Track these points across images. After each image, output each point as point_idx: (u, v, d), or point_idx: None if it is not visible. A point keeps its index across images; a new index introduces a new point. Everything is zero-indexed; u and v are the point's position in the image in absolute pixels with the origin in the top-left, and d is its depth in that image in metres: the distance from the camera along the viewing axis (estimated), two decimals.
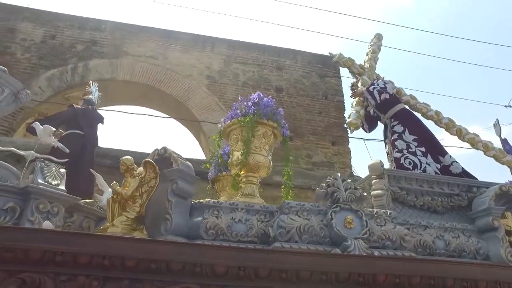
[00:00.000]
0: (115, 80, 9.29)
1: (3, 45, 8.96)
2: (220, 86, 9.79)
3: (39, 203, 1.78)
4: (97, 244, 1.40)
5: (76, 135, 3.11)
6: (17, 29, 9.18)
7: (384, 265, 1.69)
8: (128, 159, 1.91)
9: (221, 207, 1.99)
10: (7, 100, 2.42)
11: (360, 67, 3.64)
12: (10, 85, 2.41)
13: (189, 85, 9.54)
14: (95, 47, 9.66)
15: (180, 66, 9.72)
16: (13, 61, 8.84)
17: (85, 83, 9.44)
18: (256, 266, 1.53)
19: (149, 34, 10.00)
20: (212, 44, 10.33)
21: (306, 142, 9.51)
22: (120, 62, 9.56)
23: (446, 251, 2.20)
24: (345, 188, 2.07)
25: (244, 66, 10.25)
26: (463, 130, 3.47)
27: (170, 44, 10.03)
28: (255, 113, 2.25)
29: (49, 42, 9.36)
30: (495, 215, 2.32)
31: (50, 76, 8.93)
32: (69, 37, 9.58)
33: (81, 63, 9.23)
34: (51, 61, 9.09)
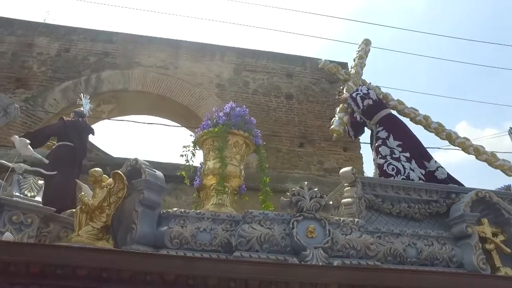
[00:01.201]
0: (127, 91, 9.57)
1: (21, 60, 9.39)
2: (230, 94, 9.91)
3: (12, 215, 1.90)
4: (49, 254, 1.48)
5: (66, 146, 3.25)
6: (34, 44, 9.61)
7: (338, 275, 1.70)
8: (96, 170, 2.00)
9: (188, 216, 2.05)
10: None
11: (346, 73, 3.63)
12: None
13: (200, 94, 9.71)
14: (107, 59, 9.98)
15: (191, 75, 9.91)
16: (30, 75, 9.26)
17: (98, 94, 9.80)
18: (205, 275, 1.58)
19: (159, 44, 10.26)
20: (222, 52, 10.50)
21: (318, 149, 9.48)
22: (132, 72, 9.84)
23: (417, 260, 2.17)
24: (311, 197, 2.09)
25: (254, 74, 10.35)
26: (453, 134, 3.41)
27: (180, 53, 10.26)
28: (225, 123, 2.31)
29: (63, 55, 9.75)
30: (469, 222, 2.27)
31: (64, 88, 9.28)
32: (82, 50, 9.95)
33: (94, 75, 9.55)
34: (65, 74, 9.46)
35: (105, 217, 1.92)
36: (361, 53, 3.86)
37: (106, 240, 1.88)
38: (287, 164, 9.27)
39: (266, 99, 10.13)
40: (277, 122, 9.90)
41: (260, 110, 10.12)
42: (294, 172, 8.89)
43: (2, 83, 9.09)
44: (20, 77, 9.11)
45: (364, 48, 3.90)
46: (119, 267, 1.51)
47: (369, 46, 3.97)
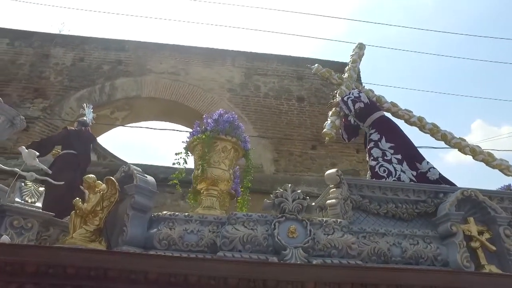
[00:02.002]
0: (140, 97, 9.84)
1: (39, 70, 9.80)
2: (242, 99, 10.06)
3: (13, 220, 2.06)
4: (42, 255, 1.62)
5: (70, 154, 3.44)
6: (50, 55, 10.00)
7: (315, 273, 1.77)
8: (89, 177, 2.15)
9: (176, 219, 2.16)
10: (3, 126, 2.76)
11: (338, 78, 3.68)
12: (5, 112, 2.75)
13: (212, 99, 9.88)
14: (120, 67, 10.28)
15: (202, 80, 10.10)
16: (47, 85, 9.64)
17: (112, 101, 10.09)
18: (186, 273, 1.68)
19: (170, 51, 10.50)
20: (232, 57, 10.66)
21: (330, 151, 9.50)
22: (144, 79, 10.11)
23: (402, 259, 2.21)
24: (293, 198, 2.17)
25: (265, 77, 10.47)
26: (448, 135, 3.41)
27: (191, 59, 10.48)
28: (213, 129, 2.42)
29: (78, 64, 10.10)
30: (454, 220, 2.30)
31: (79, 97, 9.60)
32: (96, 59, 10.28)
33: (108, 83, 9.85)
34: (80, 83, 9.80)
35: (98, 220, 2.05)
36: (354, 57, 3.90)
37: (98, 242, 2.01)
38: (300, 167, 9.31)
39: (277, 102, 10.22)
40: (289, 125, 9.97)
41: (272, 113, 10.22)
42: (307, 174, 8.92)
43: (22, 94, 9.51)
44: (38, 87, 9.51)
45: (358, 52, 3.94)
46: (105, 266, 1.63)
47: (363, 50, 4.00)
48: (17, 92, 9.39)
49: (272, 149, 9.50)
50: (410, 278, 1.89)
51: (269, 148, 9.47)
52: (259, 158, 9.16)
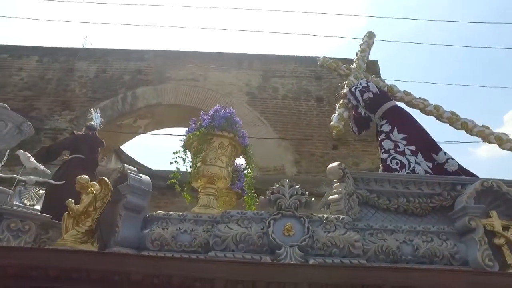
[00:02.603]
0: (161, 105, 10.00)
1: (65, 84, 10.18)
2: (260, 102, 10.01)
3: (10, 222, 2.06)
4: (24, 257, 1.58)
5: (78, 159, 3.48)
6: (75, 68, 10.39)
7: (309, 274, 1.63)
8: (82, 177, 2.12)
9: (170, 218, 2.09)
10: (11, 133, 2.82)
11: (346, 68, 3.51)
12: (12, 119, 2.81)
13: (230, 103, 9.88)
14: (140, 76, 10.51)
15: (220, 85, 10.15)
16: (73, 97, 10.00)
17: (134, 110, 10.31)
18: (170, 275, 1.59)
19: (188, 58, 10.63)
20: (249, 61, 10.65)
21: (352, 150, 9.23)
22: (164, 87, 10.27)
23: (414, 257, 2.01)
24: (291, 194, 2.03)
25: (283, 79, 10.37)
26: (469, 123, 3.14)
27: (208, 65, 10.56)
28: (208, 125, 2.33)
29: (101, 76, 10.42)
30: (473, 214, 2.07)
31: (103, 107, 9.87)
32: (118, 70, 10.56)
33: (129, 92, 10.09)
34: (103, 93, 10.09)
35: (90, 221, 2.01)
36: (363, 46, 3.71)
37: (90, 243, 1.97)
38: (321, 168, 9.07)
39: (296, 103, 10.07)
40: (309, 125, 9.78)
41: (291, 114, 10.07)
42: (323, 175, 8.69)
43: (50, 107, 9.91)
44: (64, 100, 9.87)
45: (367, 41, 3.74)
46: (87, 268, 1.57)
47: (373, 39, 3.80)
48: (46, 105, 9.80)
49: (293, 150, 9.36)
50: (420, 278, 1.71)
51: (290, 149, 9.33)
52: (280, 160, 9.04)
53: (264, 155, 9.16)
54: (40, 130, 9.29)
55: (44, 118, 9.56)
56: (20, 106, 9.58)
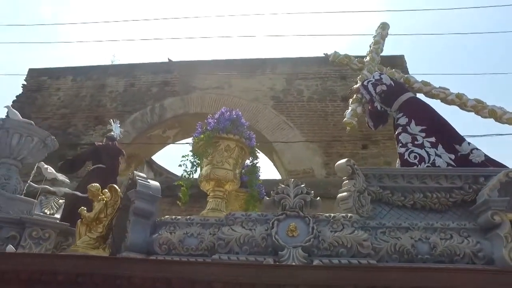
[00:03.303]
0: (188, 114, 10.24)
1: (97, 100, 10.70)
2: (286, 105, 9.99)
3: (32, 231, 2.17)
4: (35, 263, 1.65)
5: (99, 168, 3.61)
6: (106, 84, 10.90)
7: (312, 275, 1.57)
8: (93, 186, 2.19)
9: (178, 222, 2.10)
10: (38, 146, 2.99)
11: (359, 62, 3.38)
12: (38, 134, 2.98)
13: (256, 108, 9.95)
14: (167, 87, 10.84)
15: (245, 91, 10.24)
16: (105, 112, 10.48)
17: (163, 121, 10.63)
18: (170, 277, 1.60)
19: (212, 66, 10.84)
20: (272, 65, 10.69)
21: (383, 149, 8.95)
22: (190, 97, 10.52)
23: (431, 256, 1.88)
24: (295, 194, 1.98)
25: (307, 81, 10.30)
26: (497, 110, 2.91)
27: (232, 72, 10.70)
28: (213, 128, 2.34)
29: (129, 90, 10.85)
30: (496, 208, 1.90)
31: (133, 120, 10.27)
32: (145, 83, 10.96)
33: (157, 104, 10.43)
34: (133, 106, 10.49)
35: (102, 228, 2.07)
36: (377, 38, 3.57)
37: (102, 249, 2.02)
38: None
39: (322, 104, 9.93)
40: (336, 126, 9.57)
41: (318, 116, 9.93)
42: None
43: (85, 122, 10.44)
44: (97, 115, 10.37)
45: (380, 33, 3.59)
46: (90, 272, 1.61)
47: (386, 30, 3.64)
48: (81, 121, 10.34)
49: (321, 152, 9.22)
50: (435, 279, 1.59)
51: (318, 151, 9.20)
52: (309, 163, 8.92)
53: (293, 158, 9.07)
54: (77, 145, 9.81)
55: (80, 134, 10.09)
56: (59, 123, 10.18)
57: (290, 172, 9.06)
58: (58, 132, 9.98)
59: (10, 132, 2.75)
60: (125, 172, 11.40)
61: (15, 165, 2.80)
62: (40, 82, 10.93)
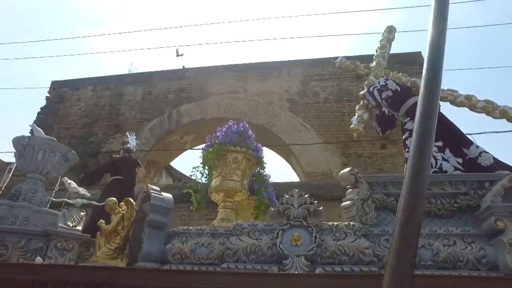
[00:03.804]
0: (204, 120, 10.42)
1: (116, 108, 11.03)
2: (302, 107, 10.01)
3: (57, 242, 2.34)
4: (60, 273, 1.81)
5: (117, 180, 3.79)
6: (124, 93, 11.21)
7: (312, 283, 1.65)
8: (110, 200, 2.34)
9: (190, 233, 2.22)
10: (60, 161, 3.18)
11: (365, 67, 3.41)
12: (60, 149, 3.17)
13: (272, 111, 10.02)
14: (183, 94, 11.05)
15: (260, 95, 10.32)
16: (124, 120, 10.79)
17: (180, 127, 10.84)
18: (182, 287, 1.71)
19: (227, 71, 10.98)
20: (287, 68, 10.73)
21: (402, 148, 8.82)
22: (207, 102, 10.70)
23: (434, 263, 1.92)
24: (299, 204, 2.06)
25: (322, 82, 10.28)
26: (509, 110, 2.89)
27: (247, 76, 10.81)
28: (221, 142, 2.45)
29: (147, 97, 11.13)
30: (500, 214, 1.92)
31: (151, 127, 10.54)
32: (162, 90, 11.21)
33: (174, 110, 10.65)
34: (150, 114, 10.76)
35: (119, 239, 2.22)
36: (383, 42, 3.58)
37: (120, 259, 2.17)
38: (371, 169, 8.79)
39: (338, 105, 9.90)
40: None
41: (334, 117, 9.90)
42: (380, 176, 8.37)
43: (105, 131, 10.78)
44: (117, 123, 10.68)
45: (387, 37, 3.60)
46: (111, 282, 1.75)
47: (393, 34, 3.64)
48: (102, 130, 10.68)
49: (340, 153, 9.17)
50: (437, 286, 1.64)
51: (337, 153, 9.16)
52: (327, 164, 8.90)
53: (310, 160, 9.06)
54: (98, 153, 10.15)
55: (101, 142, 10.42)
56: (80, 133, 10.56)
57: (308, 174, 9.06)
58: (80, 141, 10.35)
59: (35, 149, 2.95)
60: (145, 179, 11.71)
61: (41, 179, 3.00)
62: (62, 93, 11.35)
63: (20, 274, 1.83)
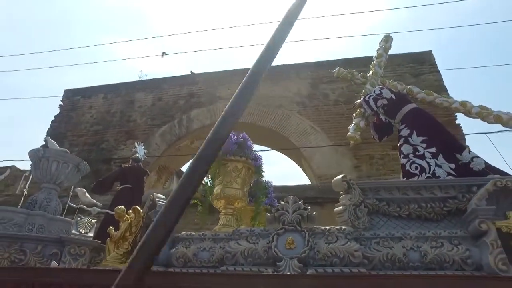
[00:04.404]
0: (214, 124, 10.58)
1: (127, 115, 11.30)
2: (312, 110, 10.08)
3: (70, 248, 2.53)
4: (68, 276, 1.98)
5: (126, 189, 3.98)
6: (134, 100, 11.48)
7: (302, 284, 1.77)
8: (119, 208, 2.51)
9: (193, 238, 2.38)
10: (72, 171, 3.38)
11: (362, 77, 3.51)
12: (72, 160, 3.37)
13: (282, 115, 10.13)
14: (193, 99, 11.26)
15: (270, 98, 10.45)
16: (135, 126, 11.05)
17: (190, 132, 11.03)
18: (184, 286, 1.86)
19: (235, 76, 11.15)
20: (296, 70, 10.83)
21: None
22: (216, 107, 10.89)
23: (421, 264, 2.03)
24: (294, 209, 2.19)
25: (332, 84, 10.34)
26: (503, 115, 2.96)
27: None
28: (222, 152, 2.60)
29: (157, 104, 11.37)
30: (483, 217, 2.02)
31: (162, 133, 10.77)
32: (172, 96, 11.44)
33: (184, 116, 10.86)
34: (161, 120, 10.99)
35: (127, 244, 2.38)
36: (380, 51, 3.67)
37: None
38: (383, 170, 8.82)
39: (348, 107, 9.91)
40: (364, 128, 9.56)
41: (345, 119, 9.94)
42: (392, 177, 8.39)
43: (117, 138, 11.05)
44: (128, 130, 10.95)
45: (384, 46, 3.69)
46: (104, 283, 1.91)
47: (390, 43, 3.73)
48: (113, 137, 10.95)
49: (351, 155, 9.20)
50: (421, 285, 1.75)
51: (348, 155, 9.19)
52: (339, 167, 8.93)
53: (321, 163, 9.11)
54: (110, 160, 10.42)
55: (113, 149, 10.69)
56: (92, 140, 10.86)
57: (320, 176, 9.11)
58: (92, 148, 10.64)
59: (50, 160, 3.16)
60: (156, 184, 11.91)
61: (55, 189, 3.20)
62: (74, 101, 11.67)
63: (37, 277, 2.01)
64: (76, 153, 10.77)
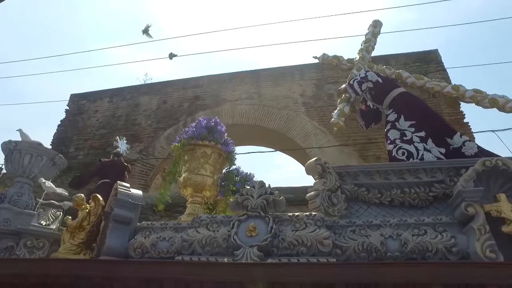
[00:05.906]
0: None
1: (132, 118, 11.29)
2: (317, 110, 9.87)
3: (26, 240, 2.37)
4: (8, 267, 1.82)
5: (104, 183, 3.83)
6: (139, 103, 11.47)
7: (254, 273, 1.56)
8: (78, 196, 2.35)
9: (153, 227, 2.19)
10: (47, 165, 3.25)
11: (349, 62, 3.29)
12: (46, 153, 3.25)
13: (287, 116, 9.94)
14: (198, 102, 11.17)
15: (275, 100, 10.28)
16: (140, 129, 11.01)
17: None
18: (127, 277, 1.67)
19: (240, 78, 11.03)
20: (301, 71, 10.64)
21: None
22: (221, 109, 10.76)
23: (401, 254, 1.77)
24: (259, 194, 1.98)
25: (337, 84, 10.10)
26: (499, 99, 2.68)
27: (261, 82, 10.80)
28: (189, 136, 2.42)
29: (162, 107, 11.33)
30: (470, 199, 1.76)
31: (167, 135, 10.69)
32: (177, 99, 11.38)
33: (189, 118, 10.75)
34: (166, 122, 10.93)
35: (84, 235, 2.21)
36: (368, 36, 3.44)
37: (83, 255, 2.16)
38: None
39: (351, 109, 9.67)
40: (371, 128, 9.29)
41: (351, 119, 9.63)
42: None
43: None
44: (133, 133, 10.92)
45: (372, 31, 3.46)
46: (59, 273, 1.74)
47: (378, 28, 3.50)
48: None
49: (357, 156, 8.93)
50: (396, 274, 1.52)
51: (354, 155, 8.93)
52: None
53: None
54: None
55: None
56: (98, 143, 10.87)
57: None
58: (98, 151, 10.63)
59: (22, 153, 3.04)
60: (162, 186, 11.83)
61: (28, 183, 3.07)
62: (80, 106, 11.75)
63: None
64: (83, 156, 10.80)
